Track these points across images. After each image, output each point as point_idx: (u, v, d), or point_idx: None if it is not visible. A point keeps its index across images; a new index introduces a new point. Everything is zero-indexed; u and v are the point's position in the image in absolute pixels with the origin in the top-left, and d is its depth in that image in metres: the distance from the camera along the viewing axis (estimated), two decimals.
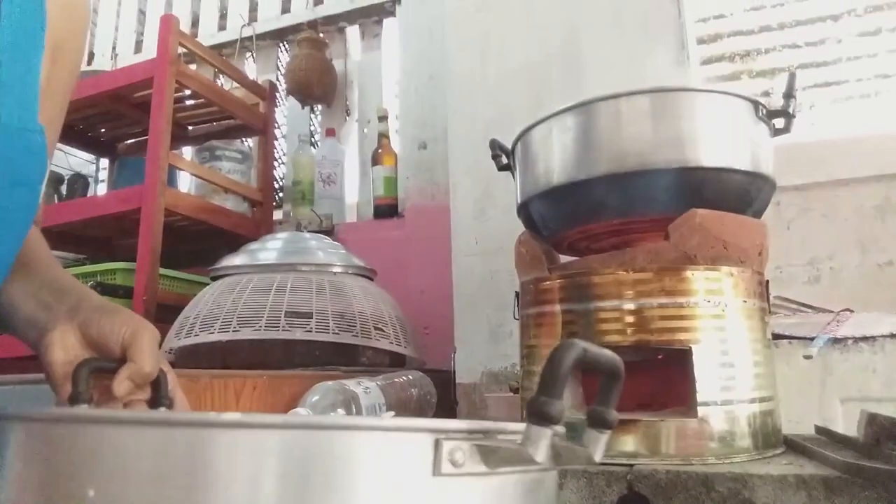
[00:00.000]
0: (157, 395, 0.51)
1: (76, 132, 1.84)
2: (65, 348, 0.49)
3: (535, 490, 0.37)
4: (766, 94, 1.33)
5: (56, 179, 1.92)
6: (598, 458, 0.37)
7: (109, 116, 1.74)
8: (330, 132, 1.86)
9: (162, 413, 0.44)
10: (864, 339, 0.87)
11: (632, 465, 0.63)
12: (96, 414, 0.33)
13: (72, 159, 2.07)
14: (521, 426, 0.33)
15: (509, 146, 0.93)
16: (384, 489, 0.31)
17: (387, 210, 1.71)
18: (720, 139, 0.76)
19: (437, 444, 0.31)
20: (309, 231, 1.47)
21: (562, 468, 0.40)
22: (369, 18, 1.93)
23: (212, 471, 0.29)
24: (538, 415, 0.32)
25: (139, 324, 0.50)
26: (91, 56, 2.37)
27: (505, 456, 0.32)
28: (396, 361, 1.26)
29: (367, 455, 0.30)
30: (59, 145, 1.91)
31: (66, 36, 0.55)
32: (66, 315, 0.50)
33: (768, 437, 0.69)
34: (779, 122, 0.80)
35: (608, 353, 0.36)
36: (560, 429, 0.38)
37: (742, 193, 0.78)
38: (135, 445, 0.30)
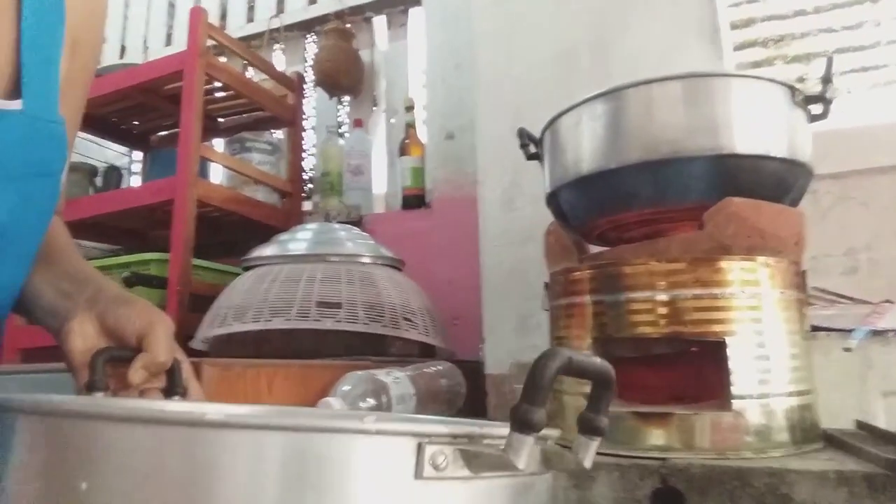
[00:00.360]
0: (172, 384, 0.52)
1: (110, 125, 1.87)
2: (83, 337, 0.51)
3: (524, 494, 0.37)
4: (801, 79, 1.29)
5: (91, 172, 1.96)
6: (587, 464, 0.37)
7: (142, 109, 1.77)
8: (357, 123, 1.86)
9: (149, 408, 0.44)
10: None
11: (665, 459, 0.63)
12: (88, 408, 0.34)
13: (107, 152, 2.10)
14: (507, 430, 0.32)
15: (538, 135, 0.92)
16: (365, 491, 0.31)
17: (414, 201, 1.71)
18: (756, 125, 0.74)
19: (419, 448, 0.31)
20: (337, 222, 1.48)
21: (557, 471, 0.40)
22: (395, 8, 1.93)
23: (198, 467, 0.29)
24: (521, 422, 0.32)
25: (154, 314, 0.52)
26: (123, 49, 2.41)
27: (487, 462, 0.32)
28: (426, 352, 1.26)
29: (349, 457, 0.31)
30: (94, 138, 1.95)
31: (84, 30, 0.57)
32: (84, 304, 0.52)
33: (806, 432, 0.68)
34: (816, 108, 0.78)
35: (597, 360, 0.35)
36: (555, 432, 0.38)
37: (779, 181, 0.76)
38: (127, 441, 0.30)
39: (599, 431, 0.36)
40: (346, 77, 1.84)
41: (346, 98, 1.98)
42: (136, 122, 1.89)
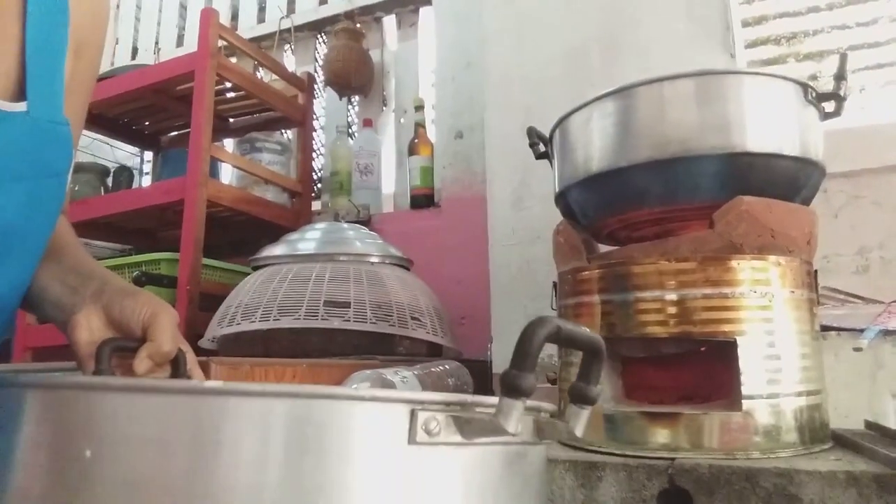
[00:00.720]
0: (176, 373, 0.53)
1: (121, 126, 1.88)
2: (89, 329, 0.51)
3: (517, 462, 0.38)
4: (814, 77, 1.28)
5: (102, 172, 1.98)
6: (579, 432, 0.38)
7: (153, 110, 1.78)
8: (367, 123, 1.87)
9: (145, 380, 0.46)
10: None
11: (673, 459, 0.62)
12: (91, 381, 0.36)
13: (117, 152, 2.12)
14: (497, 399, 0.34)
15: (547, 134, 0.92)
16: (361, 455, 0.32)
17: (423, 200, 1.71)
18: (768, 123, 0.73)
19: (412, 415, 0.33)
20: (346, 221, 1.48)
21: (547, 442, 0.41)
22: (405, 7, 1.93)
23: (199, 434, 0.31)
24: (510, 387, 0.33)
25: (159, 305, 0.52)
26: (135, 51, 2.43)
27: (479, 427, 0.33)
28: (433, 351, 1.26)
29: (345, 423, 0.32)
30: (105, 138, 1.97)
31: (88, 33, 0.57)
32: (90, 298, 0.53)
33: (815, 432, 0.67)
34: (828, 106, 0.77)
35: (585, 330, 0.37)
36: (549, 406, 0.40)
37: (790, 180, 0.75)
38: (128, 410, 0.32)
39: (590, 400, 0.38)
40: (356, 77, 1.84)
41: (356, 98, 1.99)
42: (148, 123, 1.91)
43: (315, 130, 1.92)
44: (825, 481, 0.55)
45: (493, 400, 0.34)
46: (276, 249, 1.27)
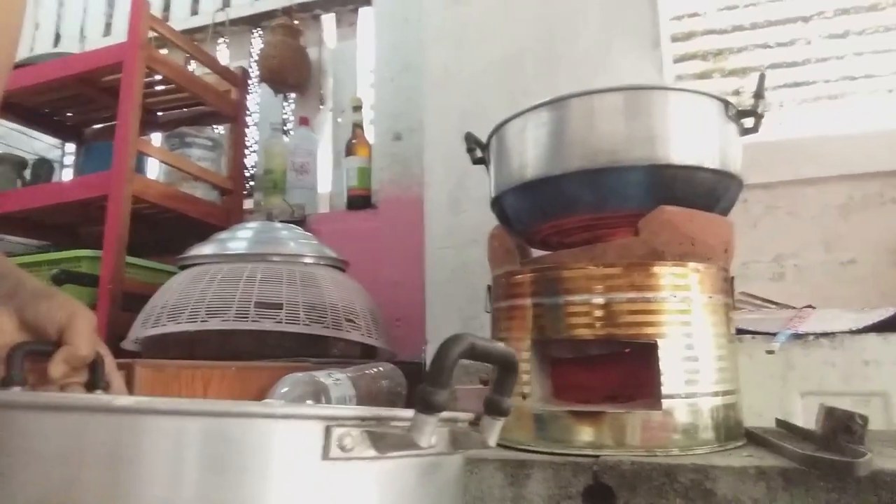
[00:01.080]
0: (94, 378, 0.52)
1: (41, 116, 1.79)
2: (1, 332, 0.49)
3: (432, 473, 0.39)
4: (738, 92, 1.35)
5: (20, 164, 1.87)
6: (492, 443, 0.39)
7: (76, 100, 1.70)
8: (303, 121, 1.84)
9: (59, 397, 0.44)
10: (825, 334, 0.90)
11: (598, 457, 0.64)
12: None
13: (36, 143, 2.01)
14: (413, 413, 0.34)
15: (484, 139, 0.93)
16: (275, 472, 0.32)
17: (360, 201, 1.70)
18: (690, 138, 0.77)
19: (327, 431, 0.33)
20: (280, 221, 1.46)
21: (463, 452, 0.42)
22: (345, 6, 1.92)
23: (110, 452, 0.30)
24: (424, 403, 0.33)
25: (75, 307, 0.51)
26: (58, 37, 2.31)
27: (393, 441, 0.34)
28: (367, 353, 1.26)
29: (260, 440, 0.32)
30: (23, 129, 1.87)
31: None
32: (2, 299, 0.50)
33: (730, 430, 0.71)
34: (748, 122, 0.82)
35: (500, 346, 0.38)
36: (466, 415, 0.41)
37: (710, 191, 0.79)
38: (40, 428, 0.31)
39: (503, 412, 0.39)
40: (292, 74, 1.82)
41: (292, 95, 1.96)
42: (70, 114, 1.82)
43: (248, 127, 1.88)
44: (737, 476, 0.58)
45: (409, 413, 0.34)
46: (206, 248, 1.23)
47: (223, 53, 2.06)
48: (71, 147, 2.03)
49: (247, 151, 1.88)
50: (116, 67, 1.44)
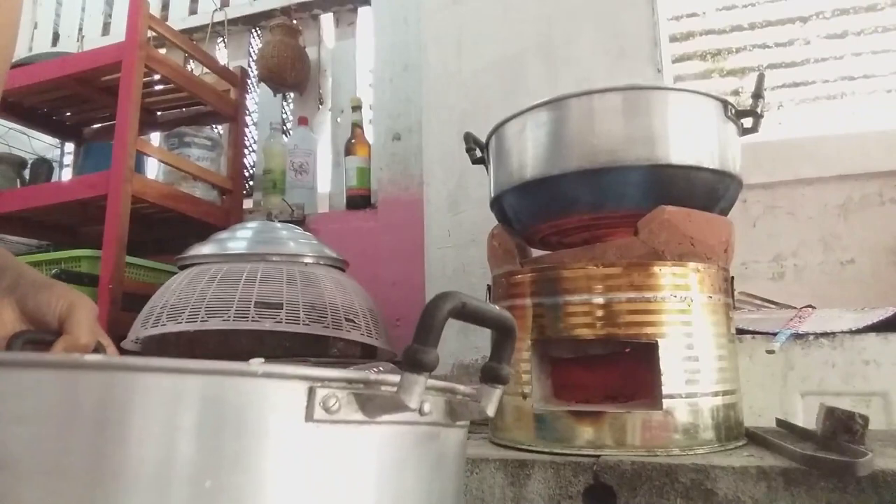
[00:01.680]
0: None
1: (40, 115, 1.79)
2: (2, 323, 0.49)
3: (426, 444, 0.37)
4: (737, 92, 1.35)
5: (19, 163, 1.87)
6: (490, 412, 0.38)
7: (75, 100, 1.70)
8: (302, 121, 1.84)
9: (36, 356, 0.43)
10: (825, 334, 0.90)
11: (598, 457, 0.64)
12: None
13: (35, 143, 2.01)
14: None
15: (483, 139, 0.93)
16: (257, 432, 0.31)
17: (359, 201, 1.70)
18: (690, 138, 0.77)
19: (310, 392, 0.32)
20: (280, 221, 1.45)
21: (463, 426, 0.41)
22: (344, 6, 1.91)
23: (82, 413, 0.29)
24: (411, 362, 0.32)
25: (75, 297, 0.50)
26: (56, 37, 2.31)
27: (381, 403, 0.33)
28: (367, 353, 1.26)
29: (241, 399, 0.31)
30: (22, 128, 1.87)
31: None
32: (3, 290, 0.51)
33: (731, 430, 0.71)
34: (747, 122, 0.82)
35: (493, 308, 0.37)
36: (465, 388, 0.39)
37: (710, 191, 0.79)
38: (22, 387, 0.30)
39: (502, 380, 0.38)
40: (291, 73, 1.81)
41: (291, 95, 1.95)
42: (69, 113, 1.81)
43: (247, 126, 1.88)
44: (738, 476, 0.58)
45: (398, 378, 0.33)
46: (205, 248, 1.23)
47: (222, 53, 2.06)
48: (70, 147, 2.03)
49: (246, 151, 1.88)
50: (115, 67, 1.44)
